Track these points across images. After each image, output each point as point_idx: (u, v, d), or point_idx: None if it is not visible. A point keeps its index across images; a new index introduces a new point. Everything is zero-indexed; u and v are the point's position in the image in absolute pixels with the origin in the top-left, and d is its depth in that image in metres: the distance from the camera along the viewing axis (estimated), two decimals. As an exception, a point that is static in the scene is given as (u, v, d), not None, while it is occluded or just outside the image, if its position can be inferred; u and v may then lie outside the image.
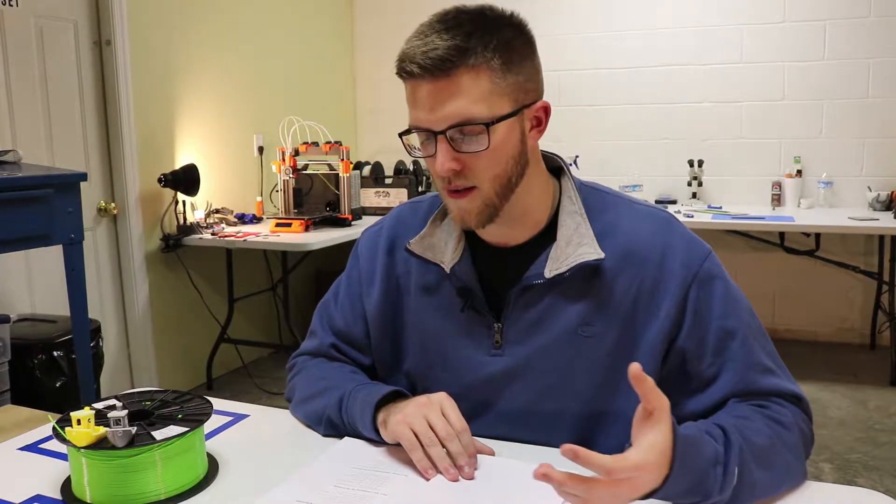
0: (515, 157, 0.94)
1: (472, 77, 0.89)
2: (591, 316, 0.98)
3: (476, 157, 0.91)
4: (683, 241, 0.99)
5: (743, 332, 0.96)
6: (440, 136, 0.91)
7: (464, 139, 0.91)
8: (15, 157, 2.19)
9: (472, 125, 0.89)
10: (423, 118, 0.91)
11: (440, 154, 0.91)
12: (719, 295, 0.97)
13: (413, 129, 0.94)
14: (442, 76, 0.88)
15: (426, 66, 0.88)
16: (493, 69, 0.89)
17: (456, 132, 0.90)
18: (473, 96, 0.89)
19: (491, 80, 0.89)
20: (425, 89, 0.90)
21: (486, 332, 1.02)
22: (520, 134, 0.94)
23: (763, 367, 0.96)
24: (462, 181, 0.93)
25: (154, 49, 3.34)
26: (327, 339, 1.15)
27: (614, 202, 1.03)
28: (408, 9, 4.65)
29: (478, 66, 0.89)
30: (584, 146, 4.34)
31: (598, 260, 0.95)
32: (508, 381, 1.02)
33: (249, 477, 0.93)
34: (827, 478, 2.56)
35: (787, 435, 0.90)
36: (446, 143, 0.91)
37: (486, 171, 0.92)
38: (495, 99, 0.90)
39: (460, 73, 0.88)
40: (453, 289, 1.04)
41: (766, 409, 0.93)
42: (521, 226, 1.01)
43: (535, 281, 0.98)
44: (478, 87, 0.89)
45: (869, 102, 3.89)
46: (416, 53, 0.89)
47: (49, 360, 2.43)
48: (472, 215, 0.95)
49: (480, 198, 0.94)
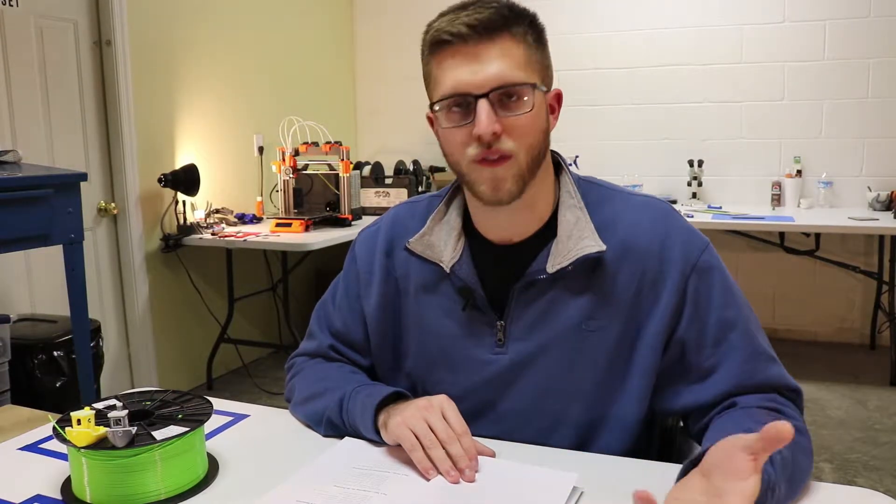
0: (544, 131, 0.96)
1: (513, 44, 0.92)
2: (595, 310, 0.98)
3: (517, 121, 0.92)
4: (682, 232, 1.00)
5: (743, 323, 0.97)
6: (481, 99, 0.91)
7: (507, 101, 0.92)
8: (15, 157, 2.19)
9: (516, 86, 0.91)
10: (465, 81, 0.91)
11: (484, 116, 0.90)
12: (718, 285, 0.98)
13: (451, 95, 0.92)
14: (487, 38, 0.91)
15: (474, 26, 0.90)
16: (528, 44, 0.94)
17: (498, 96, 0.91)
18: (515, 61, 0.92)
19: (527, 52, 0.93)
20: (468, 52, 0.91)
21: (489, 330, 1.02)
22: (546, 112, 0.97)
23: (767, 355, 0.97)
24: (501, 146, 0.92)
25: (154, 49, 3.34)
26: (326, 340, 1.15)
27: (612, 195, 1.04)
28: (408, 9, 4.65)
29: (517, 36, 0.93)
30: (584, 146, 4.34)
31: (599, 252, 0.96)
32: (511, 379, 1.02)
33: (249, 477, 0.93)
34: (827, 478, 2.56)
35: (804, 441, 0.90)
36: (489, 105, 0.91)
37: (524, 139, 0.93)
38: (531, 70, 0.94)
39: (504, 37, 0.92)
40: (454, 288, 1.04)
41: (781, 416, 0.92)
42: (526, 217, 1.01)
43: (537, 276, 0.98)
44: (518, 53, 0.92)
45: (869, 102, 3.89)
46: (460, 19, 0.91)
47: (49, 360, 2.43)
48: (507, 183, 0.94)
49: (516, 166, 0.93)
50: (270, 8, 4.09)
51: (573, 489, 0.85)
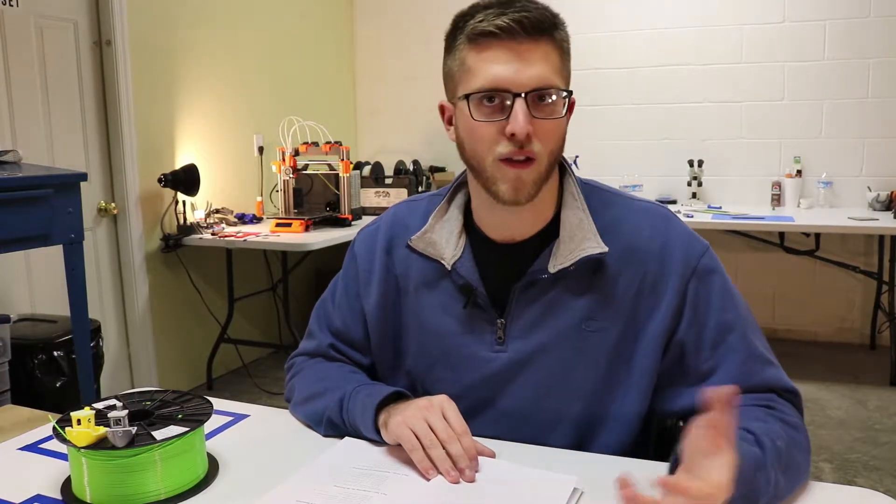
0: (564, 137, 0.98)
1: (553, 48, 0.93)
2: (595, 311, 0.99)
3: (548, 125, 0.93)
4: (682, 236, 1.01)
5: (742, 326, 0.97)
6: (519, 98, 0.90)
7: (542, 104, 0.92)
8: (15, 157, 2.19)
9: (555, 91, 0.92)
10: (506, 77, 0.90)
11: (521, 115, 0.90)
12: (717, 289, 0.98)
13: (490, 89, 0.91)
14: (533, 38, 0.91)
15: (524, 24, 0.89)
16: (564, 51, 0.96)
17: (539, 94, 0.92)
18: (553, 65, 0.93)
19: (562, 59, 0.95)
20: (513, 48, 0.90)
21: (489, 328, 1.03)
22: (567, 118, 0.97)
23: (764, 358, 0.97)
24: (533, 147, 0.92)
25: (154, 49, 3.34)
26: (326, 339, 1.15)
27: (614, 200, 1.05)
28: (408, 9, 4.65)
29: (557, 41, 0.94)
30: (584, 146, 4.34)
31: (601, 254, 0.96)
32: (511, 378, 1.02)
33: (249, 477, 0.93)
34: (827, 478, 2.56)
35: (799, 436, 0.91)
36: (526, 105, 0.91)
37: (550, 143, 0.94)
38: (563, 76, 0.95)
39: (547, 41, 0.92)
40: (454, 286, 1.04)
41: (775, 412, 0.93)
42: (531, 217, 1.02)
43: (539, 276, 0.99)
44: (556, 58, 0.94)
45: (869, 102, 3.89)
46: (506, 14, 0.89)
47: (49, 360, 2.43)
48: (528, 186, 0.94)
49: (537, 170, 0.94)
50: (270, 8, 4.09)
51: (573, 490, 0.85)
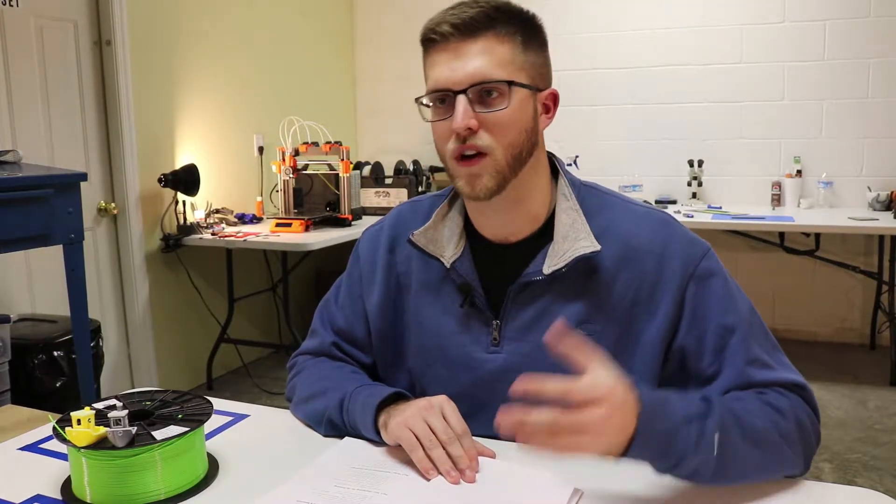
0: (528, 130, 0.96)
1: (497, 43, 0.94)
2: (590, 314, 0.98)
3: (493, 118, 0.93)
4: (682, 240, 1.00)
5: (742, 329, 0.96)
6: (460, 95, 0.93)
7: (484, 99, 0.94)
8: (15, 157, 2.19)
9: (493, 84, 0.93)
10: (444, 78, 0.94)
11: (459, 110, 0.92)
12: (718, 292, 0.97)
13: (433, 91, 0.95)
14: (469, 37, 0.93)
15: (457, 25, 0.93)
16: (516, 43, 0.95)
17: (476, 93, 0.93)
18: (496, 60, 0.93)
19: (513, 52, 0.95)
20: (451, 49, 0.94)
21: (485, 329, 1.03)
22: (533, 111, 0.97)
23: (761, 362, 0.96)
24: (477, 141, 0.94)
25: (154, 49, 3.34)
26: (329, 337, 1.15)
27: (612, 202, 1.04)
28: (407, 9, 4.65)
29: (502, 36, 0.94)
30: (584, 146, 4.34)
31: (594, 252, 0.96)
32: (506, 379, 1.01)
33: (249, 477, 0.93)
34: (827, 478, 2.56)
35: (782, 421, 0.89)
36: (466, 100, 0.93)
37: (502, 135, 0.94)
38: (515, 69, 0.94)
39: (488, 36, 0.93)
40: (454, 285, 1.04)
41: (762, 395, 0.92)
42: (520, 216, 1.02)
43: (533, 278, 0.99)
44: (501, 54, 0.94)
45: (869, 102, 3.89)
46: (446, 18, 0.94)
47: (49, 360, 2.43)
48: (483, 179, 0.95)
49: (492, 163, 0.95)
50: (270, 8, 4.09)
51: (573, 490, 0.85)
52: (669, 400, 0.83)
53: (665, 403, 0.82)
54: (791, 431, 0.90)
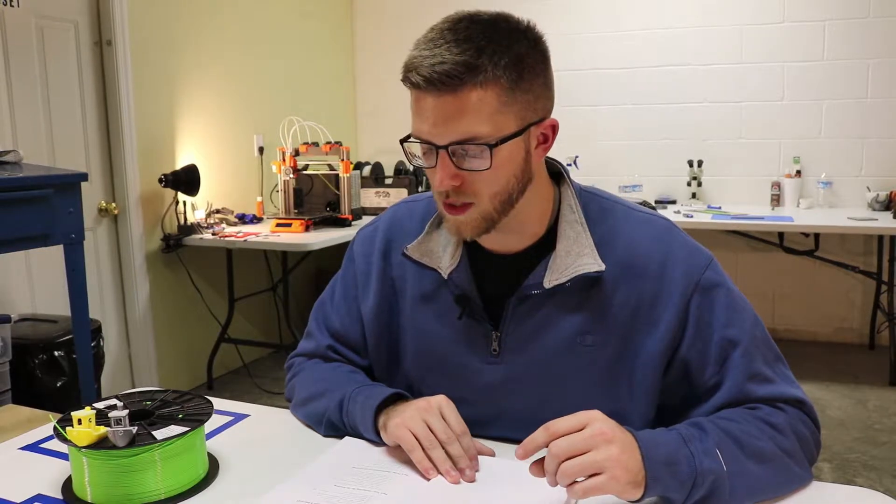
0: (518, 175, 0.92)
1: (479, 95, 0.85)
2: (590, 326, 0.97)
3: (477, 175, 0.89)
4: (684, 249, 0.98)
5: (745, 342, 0.94)
6: (441, 150, 0.88)
7: (466, 156, 0.88)
8: (15, 157, 2.19)
9: (475, 144, 0.87)
10: (425, 130, 0.89)
11: (440, 169, 0.89)
12: (722, 304, 0.95)
13: (415, 139, 0.91)
14: (448, 92, 0.85)
15: (432, 80, 0.85)
16: (502, 87, 0.86)
17: (458, 148, 0.88)
18: (479, 115, 0.86)
19: (498, 99, 0.86)
20: (430, 103, 0.87)
21: (484, 340, 1.01)
22: (524, 152, 0.91)
23: (762, 377, 0.94)
24: (461, 197, 0.91)
25: (154, 49, 3.34)
26: (324, 340, 1.15)
27: (613, 209, 1.02)
28: (407, 10, 4.65)
29: (486, 84, 0.85)
30: (584, 146, 4.34)
31: (598, 272, 0.94)
32: (505, 390, 1.01)
33: (249, 477, 0.94)
34: (826, 477, 2.56)
35: (780, 437, 0.88)
36: (447, 158, 0.88)
37: (486, 190, 0.91)
38: (501, 118, 0.87)
39: (467, 90, 0.85)
40: (451, 295, 1.02)
41: (755, 411, 0.92)
42: (518, 235, 1.00)
43: (533, 291, 0.97)
44: (484, 105, 0.86)
45: (868, 102, 3.89)
46: (423, 65, 0.86)
47: (50, 360, 2.43)
48: (468, 227, 0.93)
49: (478, 212, 0.92)
50: (270, 8, 4.09)
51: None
52: (659, 432, 0.85)
53: (656, 435, 0.84)
54: (792, 446, 0.89)
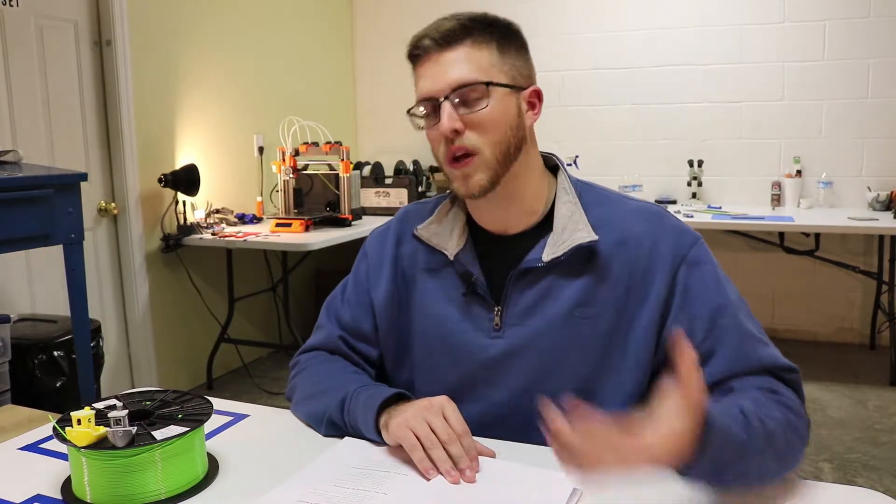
0: (514, 127, 1.01)
1: (476, 49, 1.00)
2: (587, 298, 1.03)
3: (477, 118, 0.99)
4: (673, 229, 1.05)
5: (733, 308, 1.00)
6: (444, 101, 0.99)
7: (466, 101, 0.99)
8: (15, 157, 2.19)
9: (473, 86, 0.99)
10: (428, 87, 1.01)
11: (444, 115, 0.98)
12: (708, 275, 1.02)
13: (420, 101, 1.02)
14: (448, 47, 1.00)
15: (436, 39, 1.00)
16: (492, 49, 1.01)
17: (458, 97, 0.99)
18: (474, 65, 1.00)
19: (489, 56, 1.01)
20: (433, 60, 1.01)
21: (487, 315, 1.07)
22: (517, 109, 1.02)
23: (756, 338, 0.99)
24: (464, 142, 0.99)
25: (154, 49, 3.34)
26: (335, 331, 1.18)
27: (608, 198, 1.10)
28: (407, 10, 4.65)
29: (479, 44, 1.01)
30: (584, 146, 4.34)
31: (592, 242, 1.01)
32: (506, 364, 1.06)
33: (249, 477, 0.94)
34: (827, 477, 2.56)
35: (793, 418, 0.92)
36: (450, 105, 0.99)
37: (487, 134, 1.00)
38: (494, 71, 1.01)
39: (465, 44, 1.00)
40: (456, 274, 1.09)
41: (779, 396, 0.94)
42: (517, 210, 1.07)
43: (533, 265, 1.03)
44: (478, 58, 1.00)
45: (869, 102, 3.89)
46: (429, 32, 1.01)
47: (49, 360, 2.43)
48: (475, 178, 1.00)
49: (482, 162, 1.00)
50: (270, 8, 4.09)
51: (573, 490, 0.85)
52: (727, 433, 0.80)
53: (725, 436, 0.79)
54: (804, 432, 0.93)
